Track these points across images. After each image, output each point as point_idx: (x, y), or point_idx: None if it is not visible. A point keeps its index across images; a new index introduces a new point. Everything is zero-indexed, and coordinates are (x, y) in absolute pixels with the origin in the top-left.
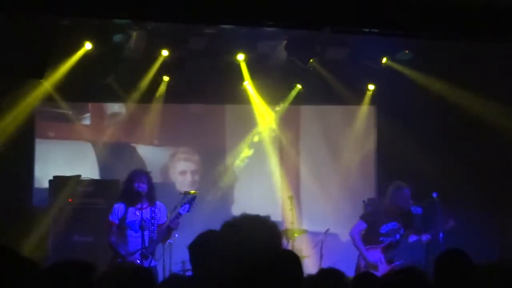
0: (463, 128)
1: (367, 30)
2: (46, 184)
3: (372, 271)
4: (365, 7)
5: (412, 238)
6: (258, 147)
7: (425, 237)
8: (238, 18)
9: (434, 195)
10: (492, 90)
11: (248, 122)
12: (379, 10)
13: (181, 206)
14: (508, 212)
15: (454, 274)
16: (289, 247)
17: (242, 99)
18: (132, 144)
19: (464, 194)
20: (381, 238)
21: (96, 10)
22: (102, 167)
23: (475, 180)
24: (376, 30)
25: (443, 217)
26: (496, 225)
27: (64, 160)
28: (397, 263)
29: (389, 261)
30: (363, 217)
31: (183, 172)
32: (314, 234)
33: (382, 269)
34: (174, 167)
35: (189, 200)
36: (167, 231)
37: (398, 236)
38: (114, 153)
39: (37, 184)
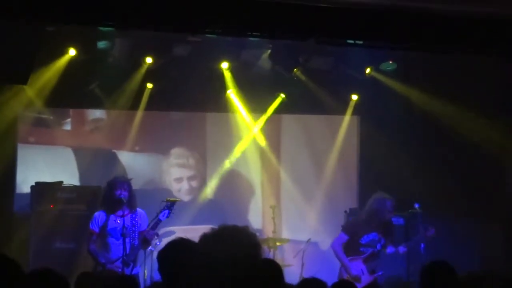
0: (446, 139)
1: (351, 41)
2: (27, 190)
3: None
4: (349, 18)
5: (390, 250)
6: (240, 156)
7: (402, 249)
8: (223, 28)
9: (416, 205)
10: (476, 102)
11: (231, 130)
12: (364, 22)
13: (161, 212)
14: (489, 222)
15: (438, 286)
16: (271, 256)
17: (225, 107)
18: (113, 150)
19: (446, 204)
20: (361, 249)
21: (81, 17)
22: (83, 173)
23: (457, 191)
24: (360, 42)
25: (424, 226)
26: (478, 235)
27: (45, 165)
28: (379, 273)
29: (371, 272)
30: (344, 229)
31: (179, 179)
32: (295, 243)
33: (365, 280)
34: (168, 173)
35: (169, 206)
36: (144, 240)
37: (379, 246)
38: (95, 159)
39: (18, 190)
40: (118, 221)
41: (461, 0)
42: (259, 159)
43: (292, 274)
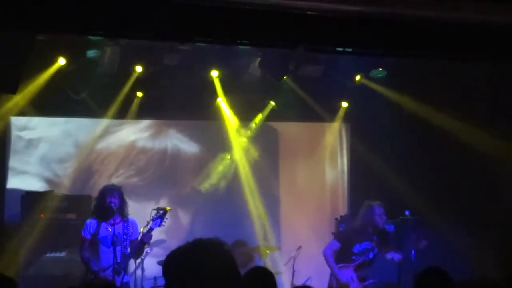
0: (436, 146)
1: (341, 49)
2: (18, 199)
3: None
4: (338, 26)
5: (389, 255)
6: (231, 164)
7: (397, 257)
8: (212, 37)
9: (407, 213)
10: (466, 108)
11: (221, 138)
12: (353, 30)
13: (153, 220)
14: (481, 229)
15: None
16: (261, 264)
17: (215, 115)
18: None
19: (437, 212)
20: (353, 257)
21: (71, 26)
22: (73, 182)
23: (448, 198)
24: (350, 49)
25: (416, 236)
26: (469, 242)
27: (35, 175)
28: (370, 281)
29: (362, 280)
30: (336, 236)
31: None
32: (286, 251)
33: (354, 287)
34: None
35: (161, 215)
36: (140, 246)
37: (371, 255)
38: (86, 167)
39: (8, 199)
40: (109, 229)
41: (450, 7)
42: (249, 167)
43: (283, 282)
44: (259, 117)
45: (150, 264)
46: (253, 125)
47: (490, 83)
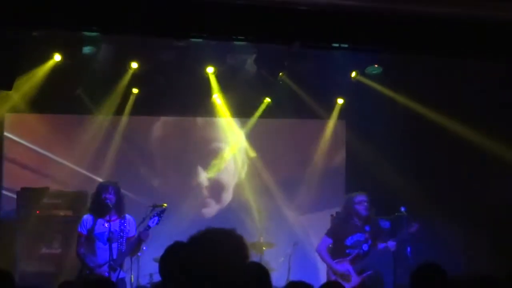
0: (432, 143)
1: (336, 45)
2: (13, 196)
3: (343, 282)
4: (334, 22)
5: (381, 246)
6: (227, 161)
7: (391, 244)
8: (208, 33)
9: (402, 209)
10: (461, 105)
11: (217, 135)
12: (349, 25)
13: (150, 218)
14: (475, 225)
15: None
16: (258, 260)
17: (211, 112)
18: (100, 155)
19: (432, 207)
20: (347, 251)
21: (66, 22)
22: (69, 178)
23: (443, 194)
24: (345, 45)
25: (408, 223)
26: (464, 238)
27: (31, 171)
28: (367, 273)
29: (359, 272)
30: (327, 233)
31: None
32: (282, 248)
33: (353, 281)
34: None
35: (158, 213)
36: (136, 243)
37: (365, 247)
38: (81, 164)
39: (4, 196)
40: (105, 226)
41: (448, 3)
42: (245, 164)
43: (279, 278)
44: (255, 114)
45: (146, 261)
46: (248, 121)
47: (487, 81)
